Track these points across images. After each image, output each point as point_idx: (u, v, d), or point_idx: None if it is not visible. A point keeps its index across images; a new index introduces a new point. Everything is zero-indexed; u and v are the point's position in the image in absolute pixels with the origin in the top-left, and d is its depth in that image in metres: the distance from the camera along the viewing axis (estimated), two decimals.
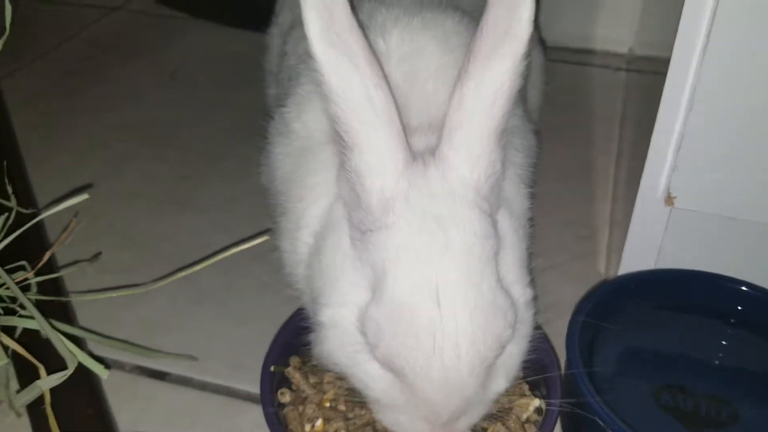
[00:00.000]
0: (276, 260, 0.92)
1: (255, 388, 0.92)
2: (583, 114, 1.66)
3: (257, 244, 0.97)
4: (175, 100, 1.71)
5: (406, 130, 0.75)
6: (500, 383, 0.77)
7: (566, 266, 1.21)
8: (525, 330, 0.78)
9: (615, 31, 1.86)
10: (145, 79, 1.81)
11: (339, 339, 0.75)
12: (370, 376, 0.75)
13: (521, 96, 1.05)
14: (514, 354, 0.77)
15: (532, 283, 0.82)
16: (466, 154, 0.72)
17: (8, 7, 0.86)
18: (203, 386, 1.03)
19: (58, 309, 0.99)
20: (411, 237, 0.70)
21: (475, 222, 0.71)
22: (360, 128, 0.71)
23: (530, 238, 0.91)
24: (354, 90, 0.71)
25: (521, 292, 0.77)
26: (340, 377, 0.81)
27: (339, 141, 0.74)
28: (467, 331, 0.68)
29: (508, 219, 0.79)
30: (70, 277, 1.15)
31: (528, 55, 0.73)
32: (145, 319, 1.13)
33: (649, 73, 1.56)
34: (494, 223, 0.75)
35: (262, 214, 1.02)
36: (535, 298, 0.81)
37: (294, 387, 0.88)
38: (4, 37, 0.88)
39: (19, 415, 0.91)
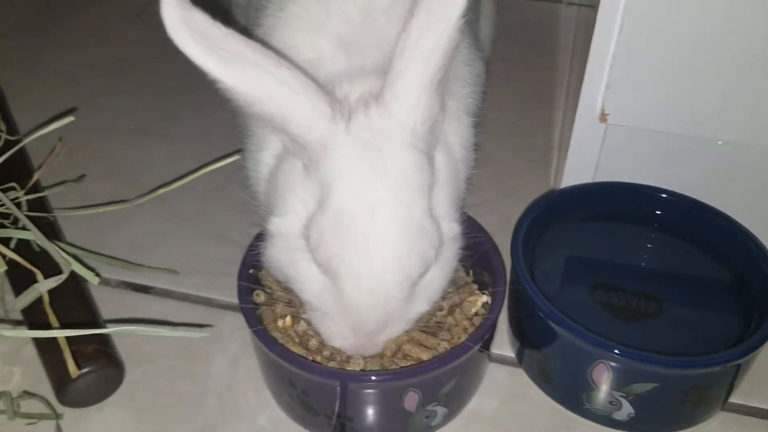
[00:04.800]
0: (243, 178, 1.01)
1: (232, 299, 1.01)
2: (537, 47, 1.74)
3: (229, 164, 1.05)
4: (142, 38, 1.75)
5: (359, 72, 0.84)
6: (422, 304, 0.86)
7: (517, 187, 1.31)
8: (449, 260, 0.87)
9: None
10: (112, 18, 1.85)
11: (283, 244, 0.85)
12: (307, 278, 0.84)
13: (471, 26, 1.12)
14: (437, 279, 0.86)
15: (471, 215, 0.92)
16: (405, 101, 0.79)
17: None
18: (185, 298, 1.12)
19: (47, 228, 1.06)
20: (355, 160, 0.78)
21: (410, 157, 0.80)
22: (285, 108, 0.77)
23: (475, 163, 1.00)
24: (266, 83, 0.75)
25: (449, 227, 0.86)
26: None
27: (269, 126, 0.80)
28: (395, 244, 0.78)
29: (444, 157, 0.87)
30: (55, 201, 1.22)
31: (466, 12, 0.79)
32: (127, 240, 1.21)
33: (596, 8, 1.64)
34: (430, 160, 0.83)
35: (231, 144, 1.08)
36: (463, 232, 0.89)
37: (267, 290, 0.98)
38: None
39: (14, 324, 1.00)
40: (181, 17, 0.72)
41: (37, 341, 0.97)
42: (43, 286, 0.85)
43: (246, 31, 0.99)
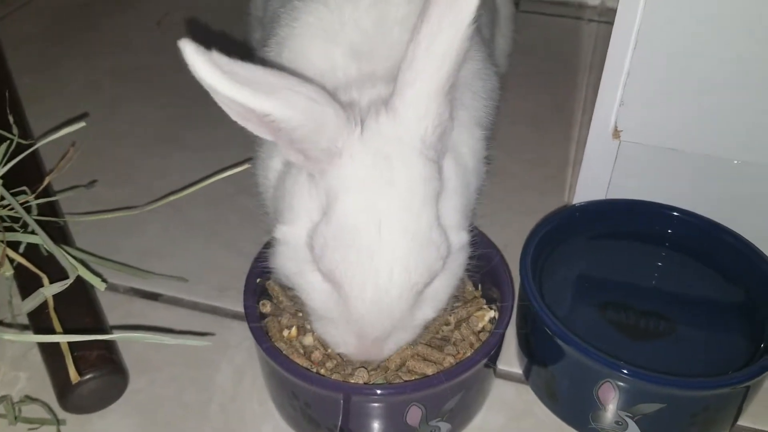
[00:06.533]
0: (253, 185, 1.01)
1: (240, 308, 1.01)
2: (556, 63, 1.73)
3: (241, 173, 1.05)
4: (162, 46, 1.76)
5: (369, 78, 0.83)
6: (427, 312, 0.86)
7: (532, 202, 1.30)
8: (455, 269, 0.87)
9: None
10: (133, 26, 1.87)
11: (288, 252, 0.85)
12: (312, 287, 0.84)
13: (485, 40, 1.12)
14: (443, 288, 0.86)
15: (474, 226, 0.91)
16: (414, 109, 0.78)
17: None
18: (193, 306, 1.12)
19: (56, 233, 1.07)
20: (363, 170, 0.78)
21: (419, 166, 0.79)
22: (319, 123, 0.75)
23: (486, 175, 0.99)
24: (302, 103, 0.74)
25: (457, 236, 0.85)
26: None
27: (290, 143, 0.77)
28: (402, 257, 0.77)
29: (453, 165, 0.87)
30: (66, 207, 1.22)
31: (491, 12, 0.78)
32: (138, 247, 1.21)
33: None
34: (439, 168, 0.82)
35: (246, 154, 1.09)
36: (472, 243, 0.88)
37: (274, 300, 0.97)
38: None
39: (21, 329, 1.01)
40: (213, 64, 0.69)
41: (42, 346, 0.97)
42: (49, 290, 0.85)
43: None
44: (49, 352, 0.94)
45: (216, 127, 1.47)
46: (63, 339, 0.77)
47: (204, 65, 0.69)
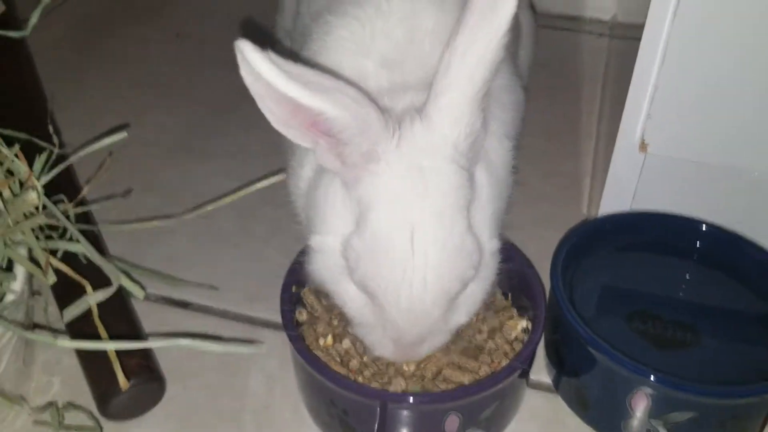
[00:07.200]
0: (285, 195, 1.02)
1: (271, 316, 1.02)
2: (570, 77, 1.74)
3: (272, 184, 1.06)
4: (182, 57, 1.78)
5: (401, 87, 0.85)
6: (461, 317, 0.88)
7: (549, 213, 1.32)
8: (488, 275, 0.89)
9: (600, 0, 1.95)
10: (152, 37, 1.87)
11: (324, 262, 0.87)
12: (349, 296, 0.86)
13: (511, 55, 1.14)
14: (476, 293, 0.88)
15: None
16: (448, 116, 0.79)
17: None
18: (223, 314, 1.13)
19: (93, 241, 1.08)
20: (396, 181, 0.79)
21: (452, 175, 0.80)
22: (365, 125, 0.77)
23: (513, 185, 1.01)
24: (350, 104, 0.75)
25: (489, 242, 0.88)
26: None
27: (338, 148, 0.79)
28: (435, 267, 0.79)
29: (485, 174, 0.88)
30: (99, 216, 1.24)
31: (514, 28, 0.80)
32: (167, 256, 1.22)
33: (629, 39, 1.65)
34: (471, 176, 0.84)
35: (272, 162, 1.10)
36: (501, 249, 0.90)
37: (309, 308, 0.99)
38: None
39: (55, 339, 1.01)
40: (272, 62, 0.71)
41: (80, 353, 0.98)
42: (93, 298, 0.86)
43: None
44: (89, 359, 0.96)
45: (240, 136, 1.48)
46: (114, 346, 0.79)
47: (265, 63, 0.70)
